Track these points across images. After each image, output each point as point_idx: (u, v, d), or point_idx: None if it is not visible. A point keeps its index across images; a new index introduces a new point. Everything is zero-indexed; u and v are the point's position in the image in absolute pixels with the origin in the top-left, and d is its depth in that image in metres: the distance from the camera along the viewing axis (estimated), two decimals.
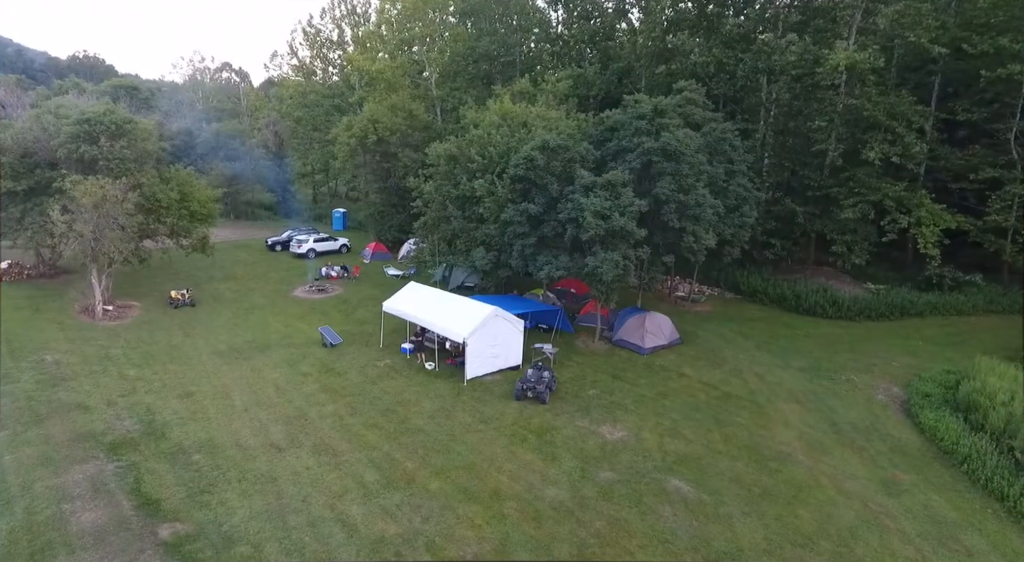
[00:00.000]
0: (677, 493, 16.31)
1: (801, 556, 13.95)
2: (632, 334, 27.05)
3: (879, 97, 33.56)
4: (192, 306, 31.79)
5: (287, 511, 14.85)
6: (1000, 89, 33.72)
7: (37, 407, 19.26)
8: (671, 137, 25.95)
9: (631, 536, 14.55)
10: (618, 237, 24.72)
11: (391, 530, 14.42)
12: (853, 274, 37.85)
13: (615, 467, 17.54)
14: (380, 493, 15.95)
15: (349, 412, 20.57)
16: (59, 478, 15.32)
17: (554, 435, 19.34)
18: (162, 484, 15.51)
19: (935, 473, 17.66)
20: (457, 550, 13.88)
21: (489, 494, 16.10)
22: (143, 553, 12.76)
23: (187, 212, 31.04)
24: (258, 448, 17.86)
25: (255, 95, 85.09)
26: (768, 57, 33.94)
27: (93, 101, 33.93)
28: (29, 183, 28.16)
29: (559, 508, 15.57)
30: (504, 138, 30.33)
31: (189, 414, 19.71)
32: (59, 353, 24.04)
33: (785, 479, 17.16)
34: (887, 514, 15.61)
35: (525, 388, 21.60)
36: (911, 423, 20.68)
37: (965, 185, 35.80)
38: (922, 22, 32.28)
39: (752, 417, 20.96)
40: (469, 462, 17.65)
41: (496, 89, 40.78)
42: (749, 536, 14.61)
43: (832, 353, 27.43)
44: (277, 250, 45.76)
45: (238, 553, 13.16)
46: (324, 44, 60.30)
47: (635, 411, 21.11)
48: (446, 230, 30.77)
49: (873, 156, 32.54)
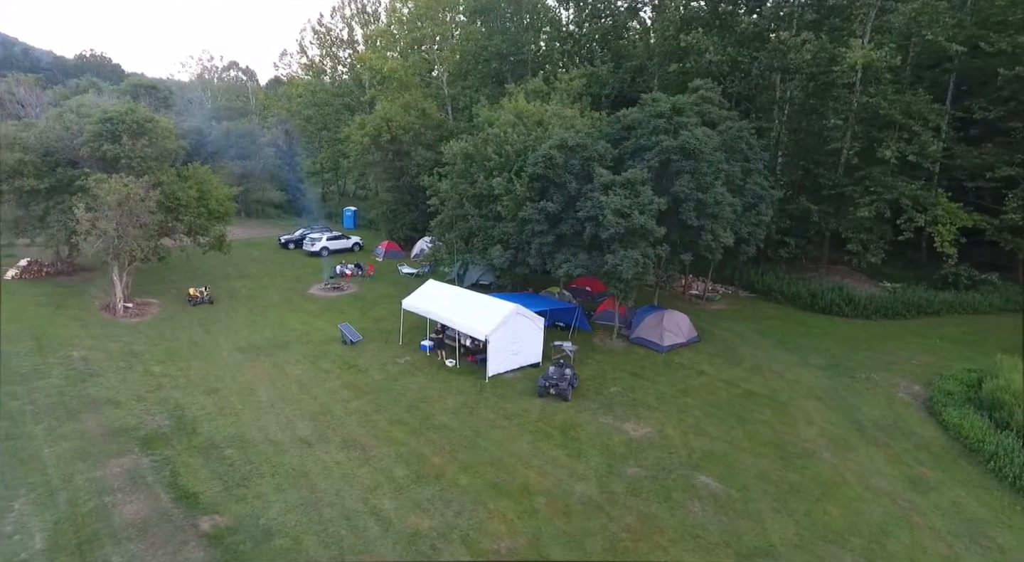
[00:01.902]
0: (705, 489, 16.41)
1: (833, 552, 14.03)
2: (650, 332, 27.14)
3: (895, 95, 33.56)
4: (211, 303, 32.00)
5: (322, 505, 15.00)
6: (1016, 87, 33.66)
7: (69, 402, 19.48)
8: (690, 136, 26.02)
9: (662, 531, 14.65)
10: (637, 235, 24.82)
11: (425, 524, 14.56)
12: (868, 273, 37.87)
13: (642, 463, 17.64)
14: (411, 488, 16.09)
15: (374, 408, 20.72)
16: (98, 471, 15.51)
17: (578, 432, 19.45)
18: (198, 478, 15.69)
19: (961, 471, 17.71)
20: (491, 544, 14.02)
21: (518, 489, 16.23)
22: (186, 545, 12.93)
23: (205, 210, 31.24)
24: (288, 443, 18.03)
25: (263, 94, 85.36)
26: (784, 55, 33.96)
27: (113, 100, 34.09)
28: (51, 182, 28.39)
29: (589, 503, 15.69)
30: (521, 137, 30.42)
31: (217, 410, 19.89)
32: (85, 350, 24.25)
33: (811, 476, 17.24)
34: (916, 511, 15.68)
35: (548, 385, 21.71)
36: (934, 421, 20.71)
37: (981, 183, 35.77)
38: (939, 20, 32.26)
39: (774, 414, 21.03)
40: (496, 458, 17.77)
41: (509, 88, 40.85)
42: (780, 532, 14.70)
43: (850, 351, 27.48)
44: (290, 248, 45.99)
45: (277, 545, 13.32)
46: (334, 43, 60.46)
47: (658, 408, 21.20)
48: (463, 228, 30.88)
49: (889, 155, 32.55)
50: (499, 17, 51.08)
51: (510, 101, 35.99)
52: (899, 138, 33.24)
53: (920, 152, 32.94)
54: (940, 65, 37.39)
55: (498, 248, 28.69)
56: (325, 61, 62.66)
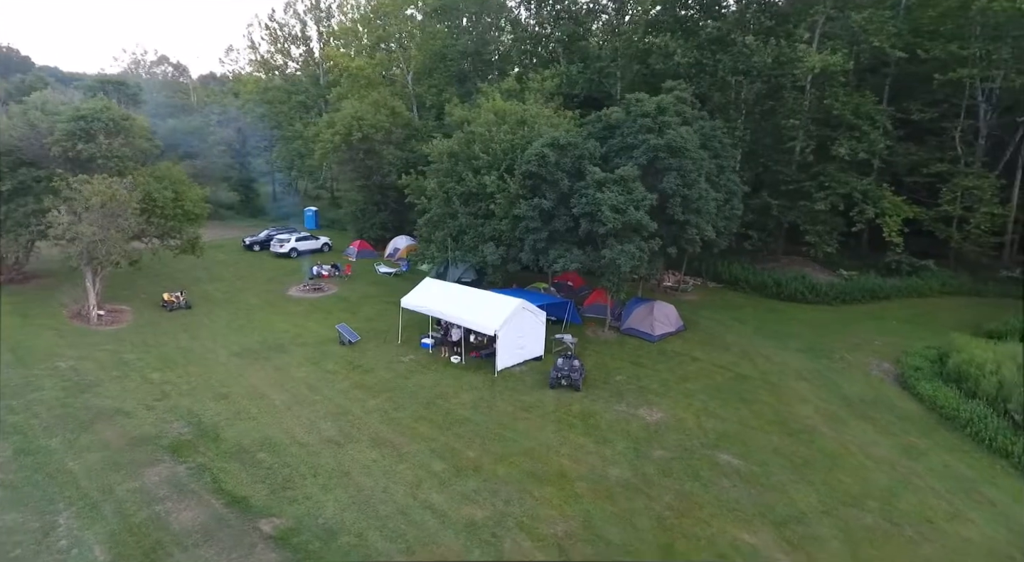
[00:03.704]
0: (729, 466, 17.56)
1: (855, 514, 15.44)
2: (641, 322, 28.31)
3: (846, 97, 36.20)
4: (188, 308, 30.85)
5: (373, 502, 15.14)
6: (948, 91, 36.97)
7: (76, 414, 18.60)
8: (675, 134, 27.31)
9: (701, 507, 15.66)
10: (632, 230, 25.88)
11: (479, 514, 14.98)
12: (820, 262, 40.60)
13: (664, 446, 18.64)
14: (453, 481, 16.44)
15: (392, 407, 20.82)
16: (135, 481, 15.03)
17: (597, 419, 20.27)
18: (240, 482, 15.47)
19: (942, 437, 19.67)
20: (547, 529, 14.61)
21: (556, 476, 16.88)
22: (255, 547, 12.85)
23: (181, 212, 30.08)
24: (317, 444, 17.95)
25: (203, 90, 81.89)
26: (748, 58, 35.96)
27: (79, 97, 32.16)
28: (13, 183, 26.58)
29: (626, 485, 16.52)
30: (507, 136, 30.93)
31: (232, 415, 19.48)
32: (71, 359, 23.04)
33: (818, 449, 18.73)
34: (915, 474, 17.39)
35: (559, 376, 22.43)
36: (909, 394, 22.78)
37: (917, 178, 39.08)
38: (884, 28, 35.03)
39: (770, 395, 22.55)
40: (526, 448, 18.34)
41: (483, 86, 41.22)
42: (804, 500, 16.00)
43: (820, 335, 29.56)
44: (255, 250, 44.67)
45: (344, 543, 13.44)
46: (287, 39, 58.85)
47: (665, 394, 22.31)
48: (451, 226, 31.10)
49: (843, 152, 35.13)
50: (458, 16, 51.19)
51: (487, 100, 36.38)
52: (850, 137, 35.88)
53: (869, 150, 35.69)
54: (879, 69, 40.49)
55: (491, 245, 29.13)
56: (276, 57, 60.86)
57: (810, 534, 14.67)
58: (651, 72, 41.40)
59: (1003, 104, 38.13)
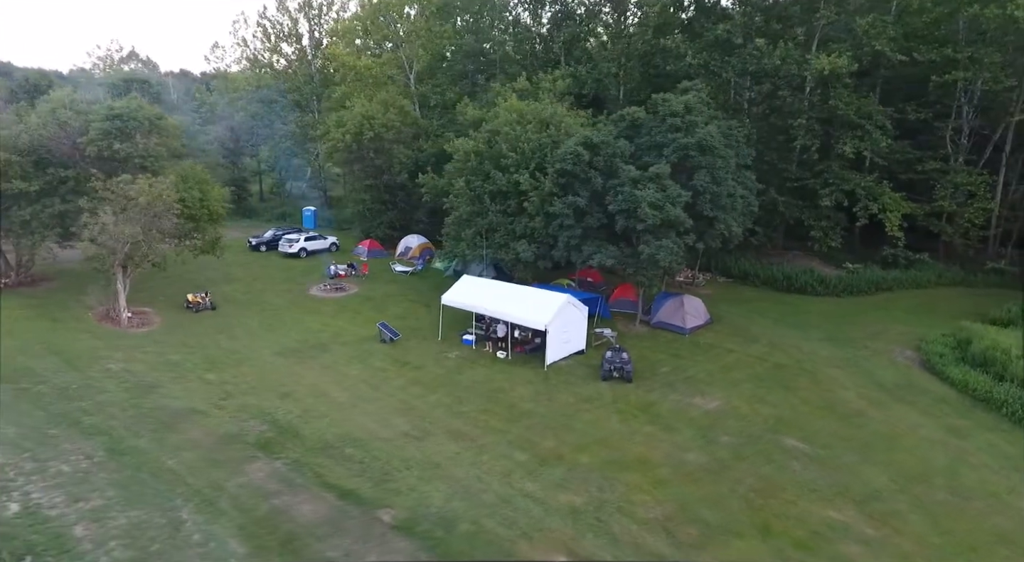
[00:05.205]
0: (796, 450, 18.42)
1: (926, 491, 16.44)
2: (672, 316, 29.13)
3: (850, 98, 37.76)
4: (213, 309, 30.40)
5: (474, 491, 15.48)
6: (941, 92, 38.90)
7: (154, 414, 18.40)
8: (706, 132, 28.21)
9: (782, 488, 16.44)
10: (669, 226, 26.66)
11: (577, 500, 15.47)
12: (821, 256, 42.20)
13: (729, 432, 19.41)
14: (541, 470, 16.88)
15: (454, 401, 21.11)
16: (241, 477, 15.05)
17: (657, 409, 20.94)
18: (341, 476, 15.62)
19: (981, 418, 20.91)
20: (646, 513, 15.18)
21: (638, 463, 17.47)
22: (385, 535, 13.09)
23: (207, 212, 29.66)
24: (397, 438, 18.16)
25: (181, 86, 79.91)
26: (758, 60, 37.19)
27: (102, 95, 31.28)
28: (41, 183, 25.81)
29: (706, 469, 17.22)
30: (534, 135, 31.39)
31: (303, 412, 19.51)
32: (119, 362, 22.60)
33: (871, 432, 19.75)
34: (967, 453, 18.53)
35: (611, 368, 23.04)
36: (938, 379, 24.07)
37: (912, 175, 40.99)
38: (885, 33, 36.68)
39: (811, 382, 23.57)
40: (599, 437, 18.89)
41: (496, 86, 41.55)
42: (876, 479, 16.94)
43: (837, 325, 30.86)
44: (262, 250, 44.04)
45: (465, 530, 13.75)
46: (280, 36, 57.93)
47: (712, 383, 23.13)
48: (480, 224, 31.39)
49: (848, 151, 36.67)
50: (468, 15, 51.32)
51: (504, 100, 36.73)
52: (854, 136, 37.46)
53: (873, 148, 37.33)
54: (871, 72, 42.27)
55: (523, 242, 29.56)
56: (266, 55, 59.83)
57: (890, 510, 15.59)
58: (658, 73, 42.35)
59: (983, 105, 40.36)
